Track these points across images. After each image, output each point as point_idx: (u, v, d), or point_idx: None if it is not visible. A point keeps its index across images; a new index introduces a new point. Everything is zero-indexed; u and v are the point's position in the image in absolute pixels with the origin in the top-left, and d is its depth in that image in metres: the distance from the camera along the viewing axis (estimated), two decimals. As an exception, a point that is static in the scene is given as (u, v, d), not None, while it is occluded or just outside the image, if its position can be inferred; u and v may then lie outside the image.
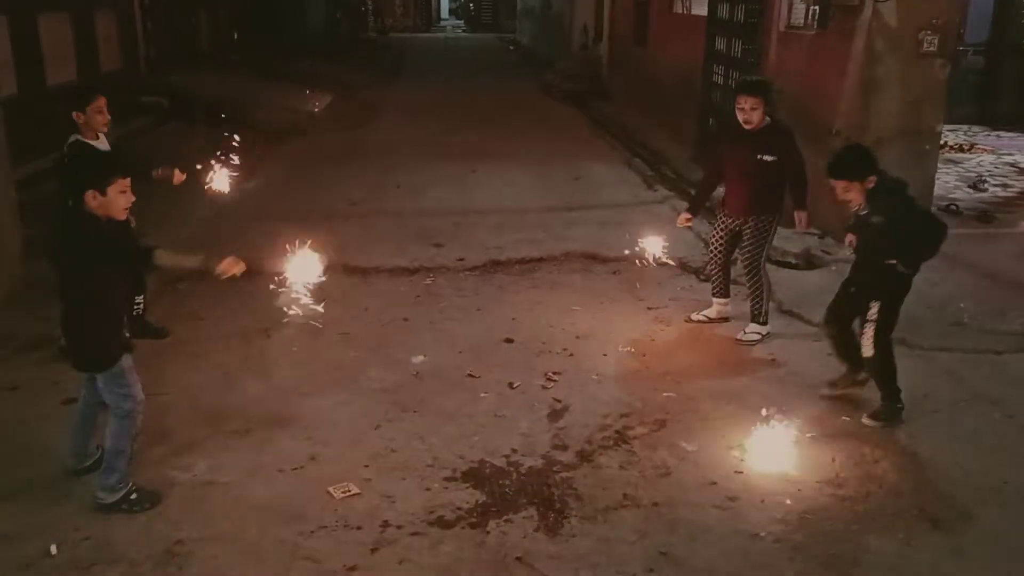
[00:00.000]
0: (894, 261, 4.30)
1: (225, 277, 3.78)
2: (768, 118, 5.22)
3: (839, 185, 4.31)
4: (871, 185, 4.26)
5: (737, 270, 5.68)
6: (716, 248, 5.64)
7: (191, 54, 14.86)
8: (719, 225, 5.58)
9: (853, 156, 4.38)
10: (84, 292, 3.60)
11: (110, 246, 3.60)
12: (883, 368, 4.45)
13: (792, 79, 7.94)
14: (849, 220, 4.52)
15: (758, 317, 5.47)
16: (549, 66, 20.69)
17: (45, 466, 4.00)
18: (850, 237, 4.52)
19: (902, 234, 4.28)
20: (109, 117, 4.97)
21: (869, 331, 4.40)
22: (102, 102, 4.91)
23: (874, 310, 4.38)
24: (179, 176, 5.15)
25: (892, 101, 6.82)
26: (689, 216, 5.71)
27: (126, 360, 3.68)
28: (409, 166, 10.46)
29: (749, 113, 5.15)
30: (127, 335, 3.74)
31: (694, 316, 5.78)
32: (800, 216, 5.36)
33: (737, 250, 5.56)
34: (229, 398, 4.69)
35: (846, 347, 4.63)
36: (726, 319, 5.71)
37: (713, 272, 5.73)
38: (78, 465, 3.93)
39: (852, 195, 4.32)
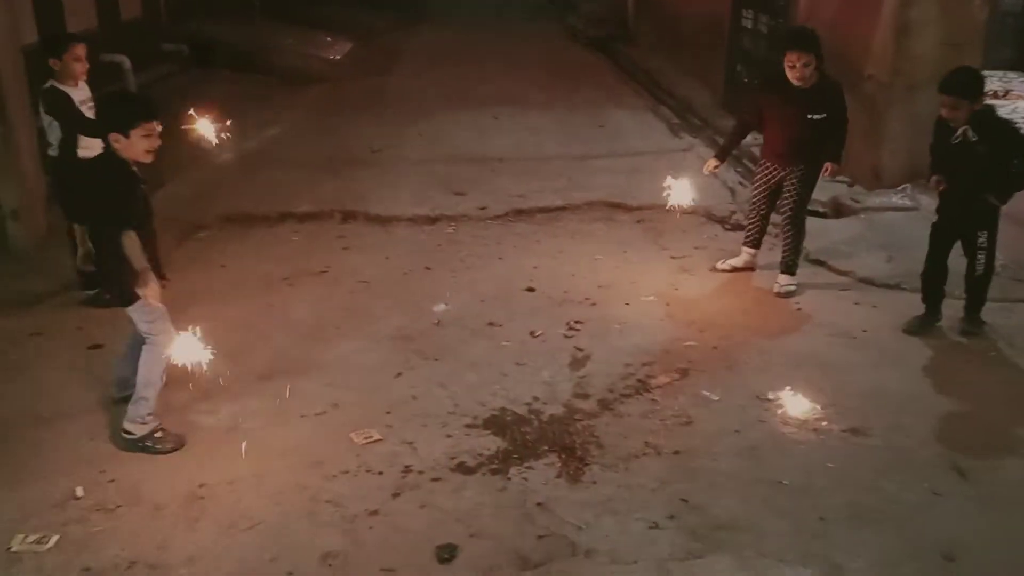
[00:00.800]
0: (989, 195, 4.40)
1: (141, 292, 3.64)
2: (819, 74, 4.99)
3: (948, 100, 4.32)
4: (978, 108, 4.25)
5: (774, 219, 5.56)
6: (758, 198, 5.49)
7: (211, 3, 14.69)
8: (761, 175, 5.43)
9: (968, 75, 4.40)
10: (101, 228, 3.64)
11: (118, 193, 3.61)
12: (988, 284, 4.63)
13: (824, 22, 7.66)
14: (940, 148, 4.54)
15: (792, 268, 5.34)
16: (573, 9, 20.28)
17: (72, 408, 4.05)
18: (936, 178, 4.54)
19: (1007, 166, 4.32)
20: (88, 65, 4.88)
21: (982, 257, 4.55)
22: (80, 50, 4.83)
23: (983, 238, 4.51)
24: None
25: (927, 44, 6.58)
26: (717, 163, 5.59)
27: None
28: (431, 113, 10.33)
29: (801, 70, 4.91)
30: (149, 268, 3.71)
31: (719, 265, 5.68)
32: (829, 166, 5.20)
33: (778, 200, 5.41)
34: (251, 345, 4.70)
35: (939, 287, 4.74)
36: (752, 268, 5.62)
37: (751, 221, 5.58)
38: (119, 393, 4.00)
39: (959, 114, 4.31)
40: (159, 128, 3.63)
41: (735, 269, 5.63)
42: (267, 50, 12.58)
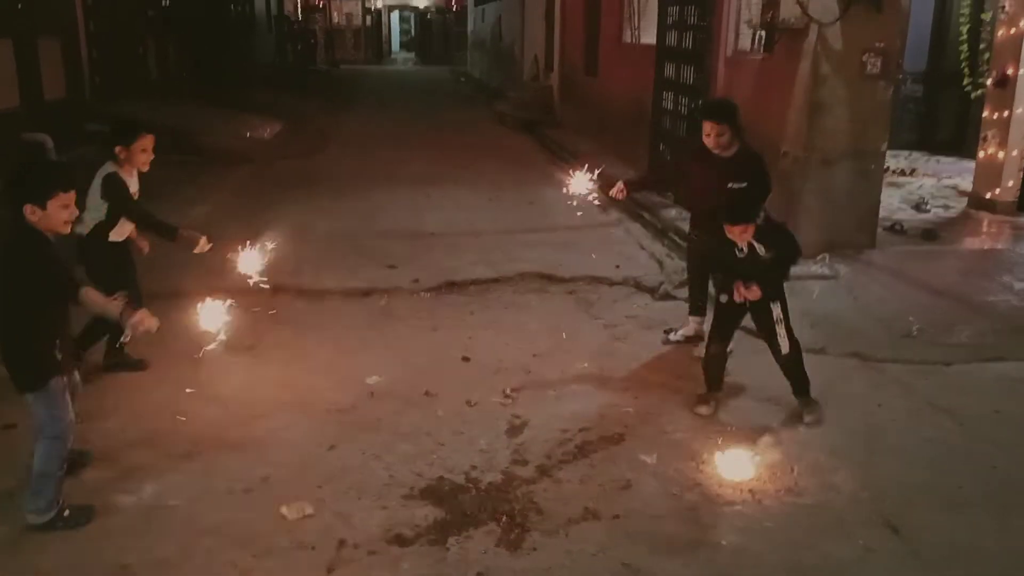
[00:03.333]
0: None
1: (139, 331, 3.56)
2: (737, 143, 5.13)
3: (739, 229, 4.34)
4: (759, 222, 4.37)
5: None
6: (692, 266, 5.60)
7: (139, 83, 14.66)
8: (692, 245, 5.55)
9: (747, 198, 4.50)
10: (15, 307, 3.49)
11: (44, 268, 3.48)
12: (800, 360, 4.59)
13: (741, 102, 8.02)
14: (726, 268, 4.55)
15: None
16: (500, 96, 20.87)
17: (-19, 493, 3.82)
18: (741, 290, 4.43)
19: (787, 261, 4.47)
20: (152, 156, 4.90)
21: (781, 329, 4.51)
22: (149, 142, 4.85)
23: (777, 310, 4.50)
24: (204, 244, 4.99)
25: (838, 122, 6.97)
26: (623, 187, 5.48)
27: (56, 383, 3.54)
28: (362, 191, 10.40)
29: (716, 139, 5.05)
30: (59, 356, 3.58)
31: (671, 337, 5.67)
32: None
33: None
34: (176, 421, 4.53)
35: (722, 367, 4.75)
36: (702, 337, 5.53)
37: (691, 290, 5.66)
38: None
39: (748, 235, 4.35)
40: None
41: (687, 339, 5.63)
42: (194, 130, 12.58)
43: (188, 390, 4.90)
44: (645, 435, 4.44)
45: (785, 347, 4.53)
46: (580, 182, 5.59)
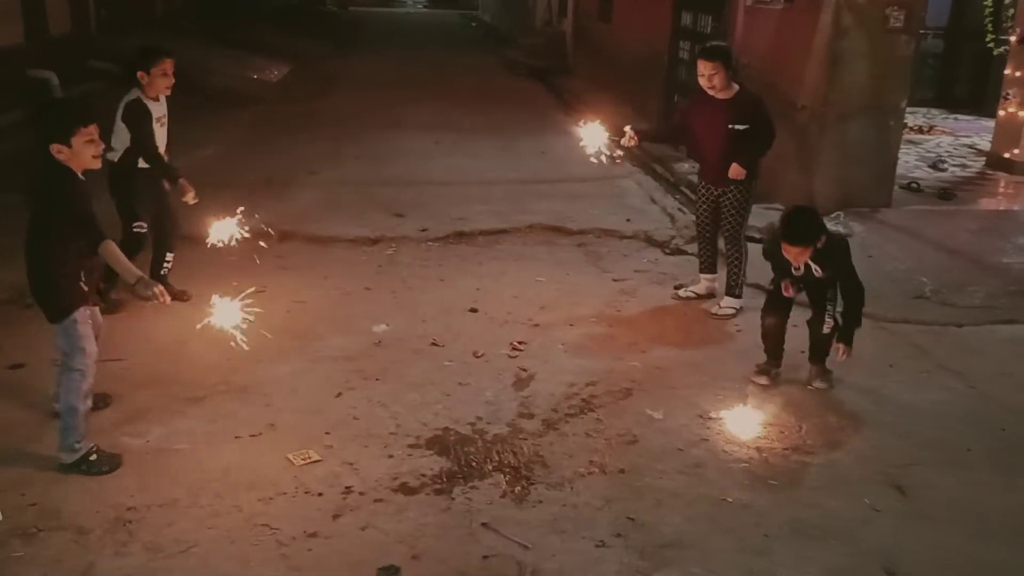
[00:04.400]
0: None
1: (150, 302, 3.55)
2: (736, 86, 5.16)
3: (796, 251, 4.15)
4: (820, 245, 4.19)
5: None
6: (701, 221, 5.52)
7: (145, 20, 14.43)
8: (700, 196, 5.48)
9: (807, 219, 4.21)
10: (44, 240, 3.49)
11: (70, 207, 3.47)
12: (831, 339, 4.47)
13: (759, 54, 7.92)
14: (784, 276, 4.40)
15: (734, 289, 5.37)
16: (512, 42, 20.52)
17: (-12, 432, 3.83)
18: (786, 283, 4.39)
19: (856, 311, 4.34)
20: (173, 80, 5.01)
21: (832, 309, 4.40)
22: (169, 66, 4.94)
23: (831, 293, 4.39)
24: (191, 197, 5.08)
25: (857, 76, 6.83)
26: (634, 136, 5.35)
27: (80, 314, 3.55)
28: (370, 137, 10.28)
29: (709, 79, 5.08)
30: (84, 287, 3.59)
31: (681, 293, 5.63)
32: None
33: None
34: (184, 365, 4.53)
35: (780, 338, 4.59)
36: (712, 295, 5.56)
37: (700, 247, 5.60)
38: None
39: (804, 257, 4.19)
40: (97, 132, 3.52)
41: (697, 296, 5.58)
42: (202, 70, 12.38)
43: (195, 333, 4.88)
44: (652, 390, 4.42)
45: (827, 328, 4.42)
46: (592, 133, 5.43)
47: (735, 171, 5.14)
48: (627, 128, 5.36)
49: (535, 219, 7.19)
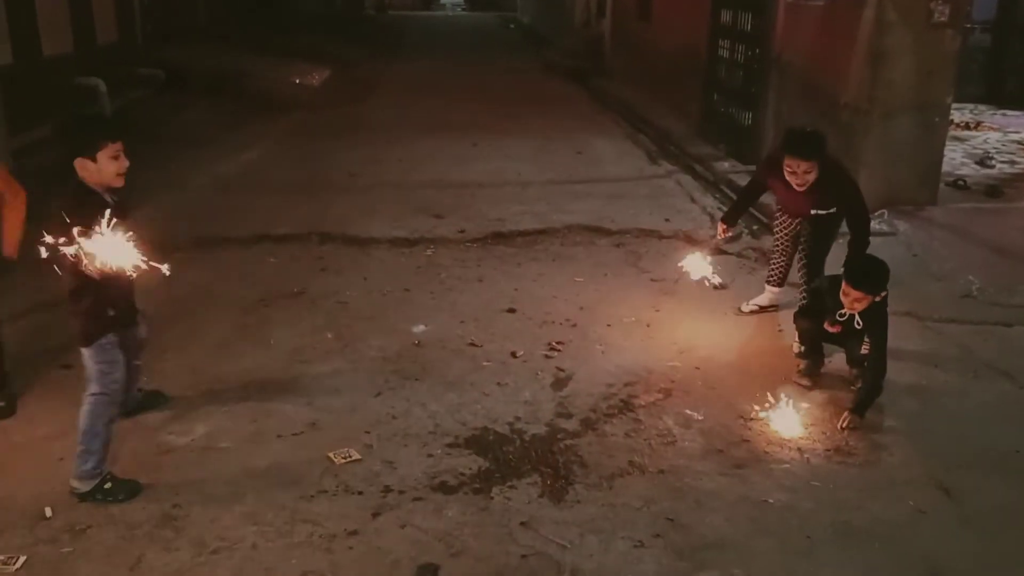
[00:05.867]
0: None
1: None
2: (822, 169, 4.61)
3: (857, 295, 4.01)
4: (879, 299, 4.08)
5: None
6: (780, 243, 5.17)
7: (188, 28, 14.70)
8: (780, 224, 5.14)
9: (880, 270, 4.06)
10: (70, 264, 3.41)
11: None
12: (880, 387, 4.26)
13: (800, 51, 7.82)
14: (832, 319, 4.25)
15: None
16: (550, 44, 20.53)
17: (43, 429, 3.93)
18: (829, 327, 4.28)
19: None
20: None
21: (880, 353, 4.19)
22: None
23: (878, 335, 4.18)
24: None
25: (902, 72, 6.70)
26: (725, 227, 5.20)
27: (107, 340, 3.49)
28: (409, 140, 10.35)
29: (803, 177, 4.56)
30: (111, 313, 3.52)
31: (744, 307, 5.38)
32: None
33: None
34: (228, 366, 4.61)
35: (816, 340, 4.49)
36: (776, 307, 5.35)
37: (775, 262, 5.27)
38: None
39: (862, 306, 4.05)
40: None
41: (761, 308, 5.37)
42: (244, 76, 12.60)
43: (239, 335, 4.97)
44: (692, 390, 4.40)
45: (880, 373, 4.15)
46: (696, 264, 5.42)
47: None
48: (719, 226, 5.24)
49: (573, 219, 7.18)
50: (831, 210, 4.73)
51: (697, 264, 5.46)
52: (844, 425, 4.05)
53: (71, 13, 10.23)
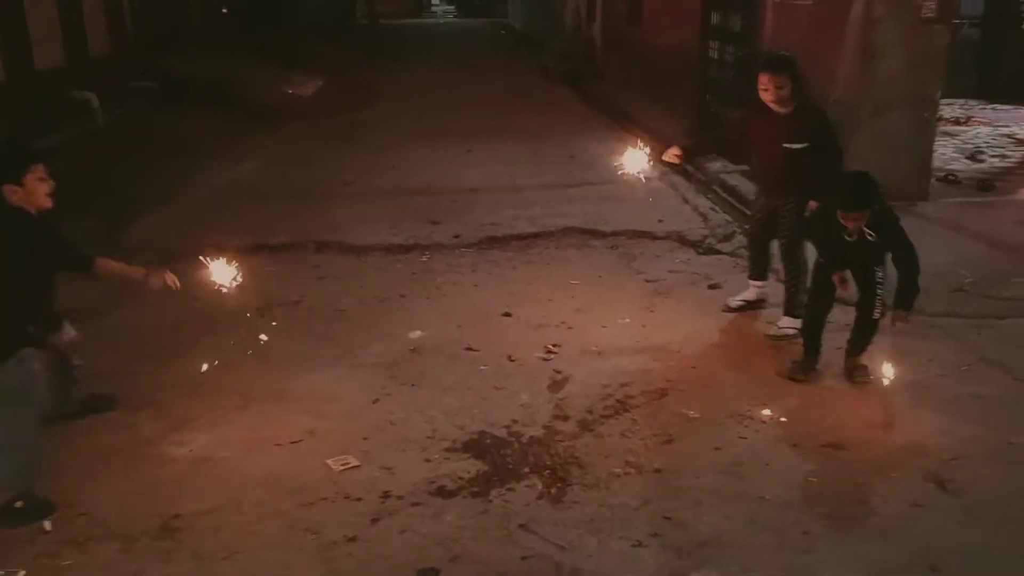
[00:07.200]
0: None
1: (162, 288, 3.76)
2: (797, 99, 4.76)
3: (856, 216, 4.11)
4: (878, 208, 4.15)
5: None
6: (755, 229, 5.28)
7: (181, 35, 14.70)
8: (756, 207, 5.25)
9: (866, 184, 4.14)
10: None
11: (50, 244, 3.57)
12: (878, 325, 4.42)
13: (789, 49, 7.82)
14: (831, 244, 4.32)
15: (793, 309, 4.96)
16: (542, 48, 20.58)
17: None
18: (839, 276, 4.33)
19: (913, 275, 4.20)
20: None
21: (881, 293, 4.34)
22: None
23: (880, 273, 4.34)
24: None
25: (891, 68, 6.74)
26: (679, 153, 5.19)
27: (26, 354, 3.46)
28: (404, 146, 10.38)
29: (775, 92, 4.71)
30: (31, 330, 3.55)
31: (731, 303, 5.40)
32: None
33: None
34: (226, 375, 4.62)
35: (819, 333, 4.54)
36: (763, 301, 5.37)
37: (751, 253, 5.38)
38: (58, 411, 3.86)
39: (863, 223, 4.13)
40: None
41: (748, 303, 5.39)
42: (239, 86, 12.61)
43: (237, 344, 4.99)
44: (688, 390, 4.42)
45: (878, 311, 4.33)
46: (634, 158, 5.35)
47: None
48: (672, 147, 5.23)
49: (567, 223, 7.21)
50: (804, 144, 4.75)
51: (636, 159, 5.31)
52: (894, 323, 4.13)
53: (62, 25, 10.24)
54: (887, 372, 4.44)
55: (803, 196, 4.84)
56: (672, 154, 5.21)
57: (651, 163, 5.40)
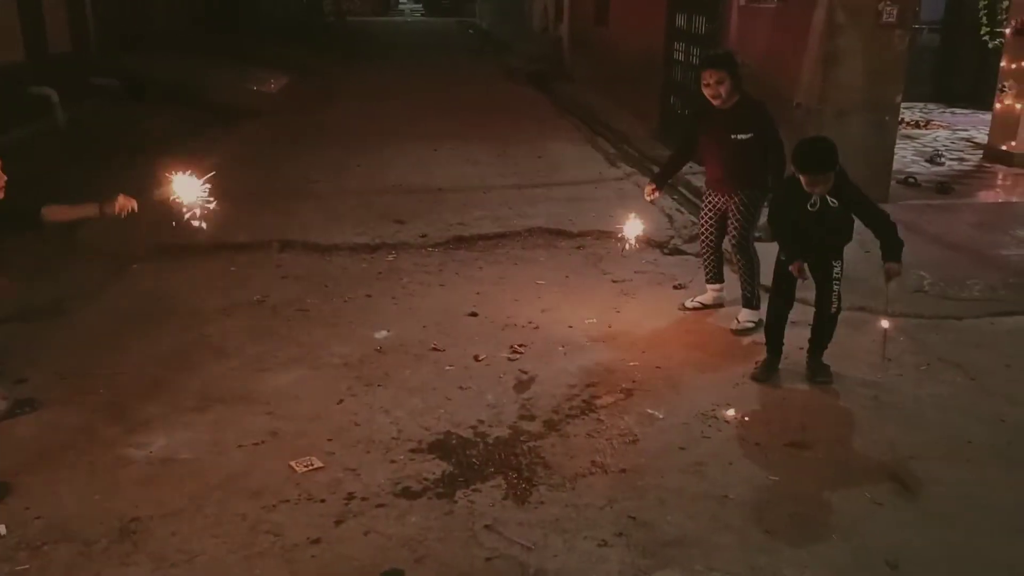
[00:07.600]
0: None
1: (124, 214, 3.81)
2: (738, 94, 4.96)
3: (820, 179, 4.16)
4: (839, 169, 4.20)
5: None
6: (705, 230, 5.35)
7: (144, 35, 14.47)
8: (706, 205, 5.33)
9: (828, 146, 4.19)
10: None
11: None
12: (836, 321, 4.52)
13: (753, 53, 7.93)
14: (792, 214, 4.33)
15: (751, 301, 5.16)
16: (509, 49, 20.60)
17: (-7, 447, 3.86)
18: (798, 264, 4.32)
19: (890, 230, 4.27)
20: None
21: (837, 287, 4.41)
22: None
23: (838, 267, 4.41)
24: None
25: (852, 73, 6.85)
26: (653, 187, 5.42)
27: None
28: (369, 146, 10.32)
29: (715, 88, 4.90)
30: None
31: (688, 304, 5.49)
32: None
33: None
34: (187, 376, 4.56)
35: (782, 330, 4.60)
36: (721, 305, 5.46)
37: (704, 256, 5.45)
38: None
39: (827, 186, 4.19)
40: None
41: (704, 306, 5.47)
42: (201, 84, 12.44)
43: (199, 343, 4.92)
44: (653, 390, 4.44)
45: (835, 306, 4.44)
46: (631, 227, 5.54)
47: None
48: (647, 187, 5.44)
49: (534, 223, 7.21)
50: (750, 135, 4.92)
51: (617, 219, 5.47)
52: (889, 277, 4.22)
53: (21, 21, 10.03)
54: (847, 373, 4.50)
55: (752, 188, 5.03)
56: (649, 191, 5.40)
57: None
